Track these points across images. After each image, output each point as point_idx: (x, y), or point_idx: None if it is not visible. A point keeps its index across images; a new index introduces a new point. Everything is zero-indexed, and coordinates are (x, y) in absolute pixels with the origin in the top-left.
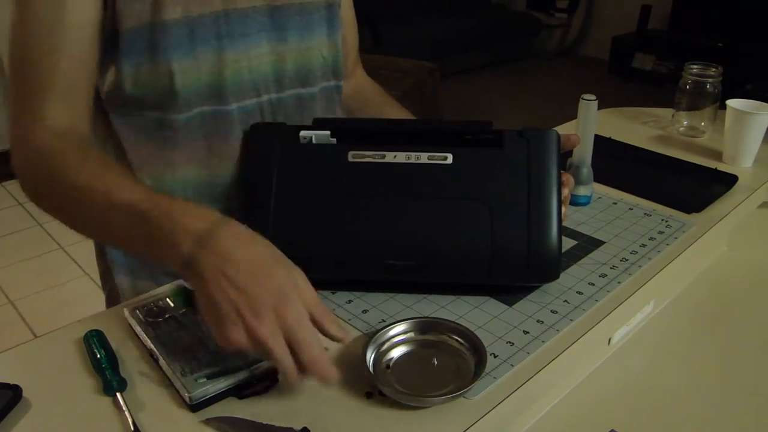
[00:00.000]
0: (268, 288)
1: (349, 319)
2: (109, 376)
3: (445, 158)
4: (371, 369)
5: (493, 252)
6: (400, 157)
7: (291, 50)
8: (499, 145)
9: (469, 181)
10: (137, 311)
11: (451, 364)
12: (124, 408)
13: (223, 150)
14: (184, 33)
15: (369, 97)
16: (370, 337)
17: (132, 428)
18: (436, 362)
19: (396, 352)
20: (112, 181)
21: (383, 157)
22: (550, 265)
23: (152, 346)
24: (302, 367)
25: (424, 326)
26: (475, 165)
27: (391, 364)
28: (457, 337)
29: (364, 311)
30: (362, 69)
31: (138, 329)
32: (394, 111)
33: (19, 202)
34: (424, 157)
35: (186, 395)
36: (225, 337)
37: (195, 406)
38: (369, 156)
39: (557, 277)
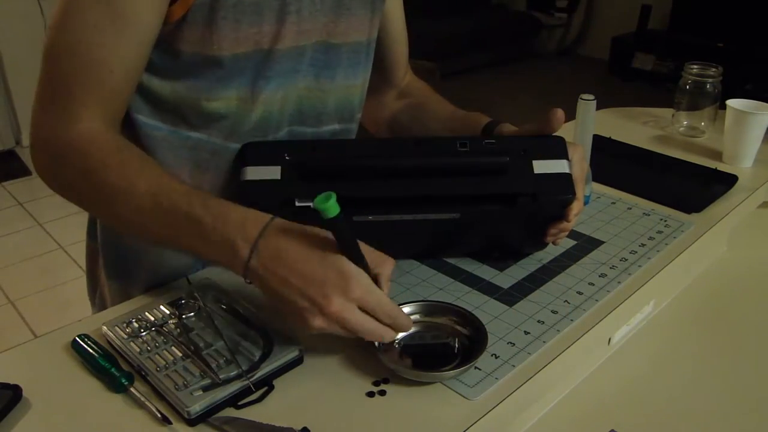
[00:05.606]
0: (329, 272)
1: None
2: (117, 372)
3: (452, 217)
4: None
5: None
6: (405, 217)
7: (335, 88)
8: (511, 205)
9: (474, 234)
10: (116, 327)
11: (451, 345)
12: (143, 399)
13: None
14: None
15: (416, 115)
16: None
17: (159, 416)
18: (450, 342)
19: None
20: (156, 182)
21: (387, 218)
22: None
23: (139, 363)
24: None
25: (430, 309)
26: (484, 222)
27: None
28: (456, 318)
29: None
30: (411, 73)
31: (120, 345)
32: (441, 125)
33: (19, 202)
34: (430, 217)
35: (185, 410)
36: (310, 327)
37: (193, 420)
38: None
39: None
